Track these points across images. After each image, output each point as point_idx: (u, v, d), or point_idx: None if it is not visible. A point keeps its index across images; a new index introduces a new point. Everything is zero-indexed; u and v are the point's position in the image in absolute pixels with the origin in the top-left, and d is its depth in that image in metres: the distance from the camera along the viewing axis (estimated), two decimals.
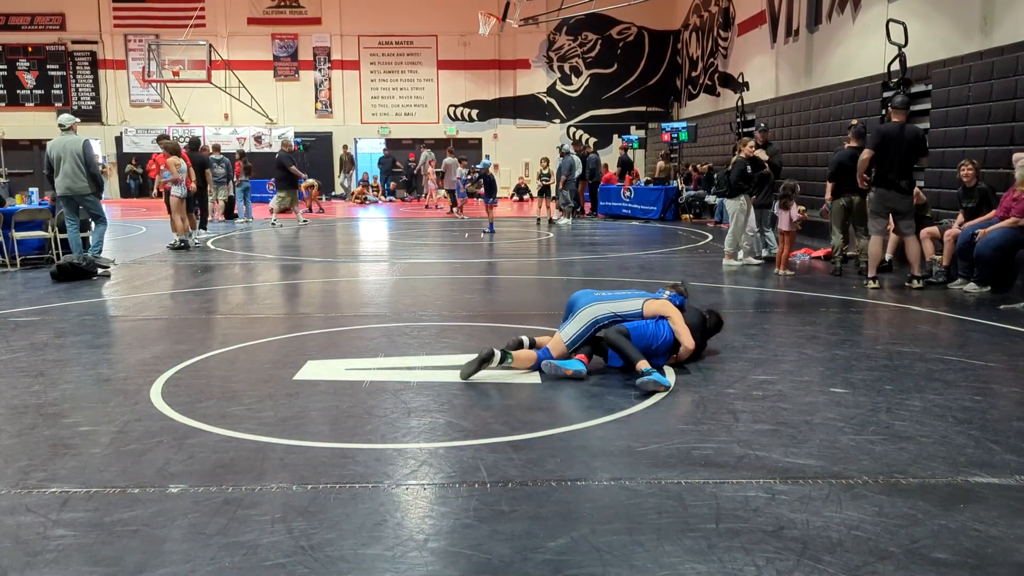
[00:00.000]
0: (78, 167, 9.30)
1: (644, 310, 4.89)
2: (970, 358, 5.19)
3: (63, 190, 9.36)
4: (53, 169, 9.37)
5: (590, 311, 4.86)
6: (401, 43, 27.45)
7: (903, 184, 7.79)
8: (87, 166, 9.37)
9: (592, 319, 4.83)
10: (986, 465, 3.31)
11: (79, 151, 9.32)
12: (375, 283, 8.94)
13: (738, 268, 9.47)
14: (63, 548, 2.64)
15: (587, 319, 4.83)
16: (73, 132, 9.54)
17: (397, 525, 2.82)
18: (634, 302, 4.94)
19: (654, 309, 4.89)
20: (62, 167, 9.28)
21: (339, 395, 4.39)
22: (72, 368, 5.03)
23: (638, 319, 4.85)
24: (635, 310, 4.88)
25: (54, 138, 9.56)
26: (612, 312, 4.86)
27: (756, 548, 2.61)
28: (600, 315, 4.84)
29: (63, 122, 9.52)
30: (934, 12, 11.10)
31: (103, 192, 9.87)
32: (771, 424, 3.85)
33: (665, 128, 19.55)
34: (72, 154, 9.28)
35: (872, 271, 8.08)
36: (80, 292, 8.03)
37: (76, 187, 9.33)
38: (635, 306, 4.90)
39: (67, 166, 9.27)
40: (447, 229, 15.90)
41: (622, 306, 4.90)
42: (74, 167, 9.28)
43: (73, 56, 26.90)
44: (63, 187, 9.35)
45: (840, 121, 12.66)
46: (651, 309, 4.90)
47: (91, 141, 9.70)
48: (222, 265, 10.36)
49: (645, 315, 4.88)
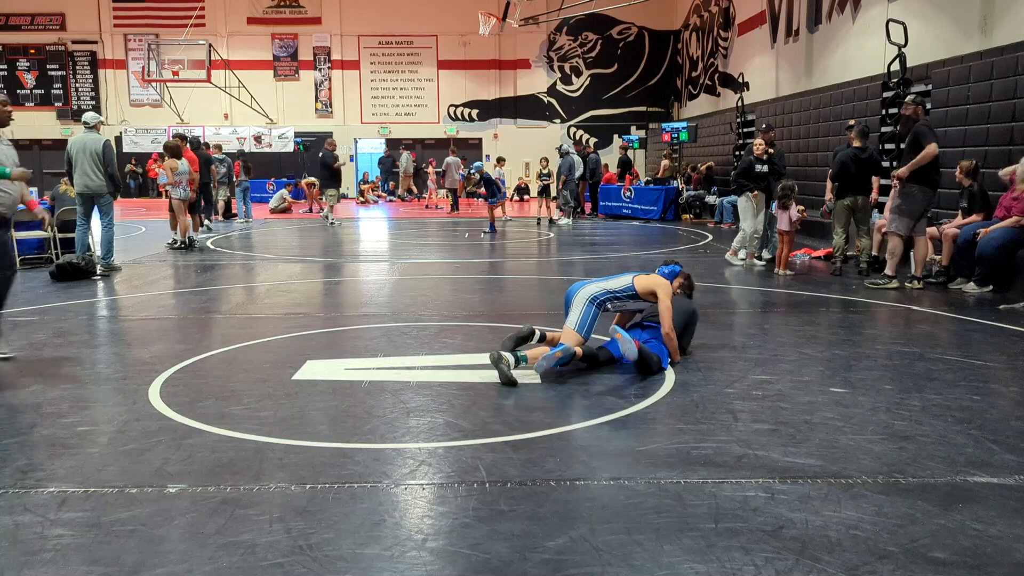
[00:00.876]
0: (96, 166, 9.30)
1: (636, 284, 4.94)
2: (969, 358, 5.19)
3: (80, 187, 9.38)
4: (72, 166, 9.37)
5: (584, 292, 4.95)
6: (401, 43, 27.45)
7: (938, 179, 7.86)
8: (105, 166, 9.36)
9: (588, 298, 4.90)
10: (985, 465, 3.31)
11: (98, 150, 9.31)
12: (375, 283, 8.93)
13: (741, 268, 9.46)
14: (61, 548, 2.64)
15: (583, 300, 4.90)
16: (96, 131, 9.54)
17: (396, 525, 2.82)
18: (625, 278, 5.02)
19: (645, 284, 4.95)
20: (79, 165, 9.29)
21: (338, 395, 4.39)
22: (71, 368, 5.03)
23: (631, 293, 4.93)
24: (626, 285, 4.95)
25: (75, 135, 9.54)
26: (605, 289, 4.94)
27: (755, 548, 2.60)
28: (594, 293, 4.92)
29: (88, 120, 9.51)
30: (934, 12, 11.10)
31: (119, 193, 9.82)
32: (770, 424, 3.85)
33: (665, 128, 19.54)
34: (91, 152, 9.28)
35: (919, 271, 8.03)
36: (79, 292, 8.03)
37: (93, 185, 9.32)
38: (626, 281, 4.97)
39: (84, 164, 9.27)
40: (447, 229, 15.90)
41: (614, 283, 4.99)
42: (91, 166, 9.27)
43: (73, 56, 26.90)
44: (80, 185, 9.36)
45: (840, 121, 12.65)
46: (642, 284, 4.95)
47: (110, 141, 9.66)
48: (222, 265, 10.35)
49: (637, 290, 4.93)
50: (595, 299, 4.90)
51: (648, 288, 4.95)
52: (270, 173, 24.68)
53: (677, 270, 5.27)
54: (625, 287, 4.95)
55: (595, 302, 4.89)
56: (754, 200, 9.56)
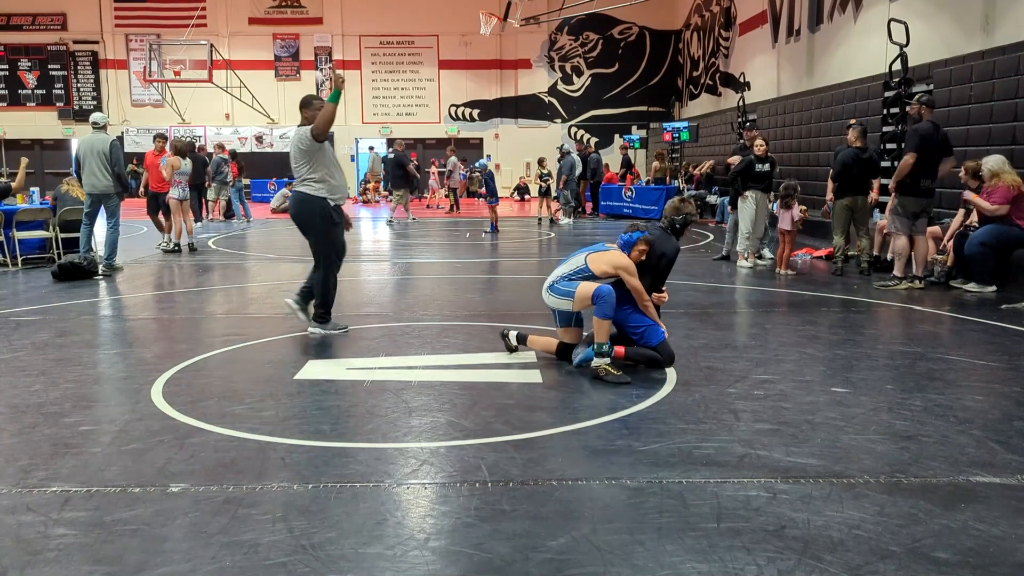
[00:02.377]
0: (103, 166, 9.31)
1: (590, 264, 4.76)
2: (971, 358, 5.19)
3: (88, 188, 9.40)
4: (80, 166, 9.38)
5: (545, 286, 4.92)
6: (402, 43, 27.45)
7: (929, 184, 7.77)
8: (112, 165, 9.37)
9: (546, 289, 4.89)
10: (987, 465, 3.31)
11: (105, 150, 9.32)
12: (376, 282, 8.94)
13: (748, 270, 9.42)
14: (64, 547, 2.64)
15: (545, 296, 4.92)
16: (104, 131, 9.56)
17: (398, 524, 2.82)
18: (578, 257, 4.87)
19: (600, 264, 4.74)
20: (87, 165, 9.30)
21: (340, 394, 4.39)
22: (73, 367, 5.03)
23: (587, 275, 4.74)
24: (580, 266, 4.78)
25: (84, 136, 9.55)
26: (559, 275, 4.83)
27: (757, 547, 2.60)
28: (550, 283, 4.87)
29: (97, 120, 9.53)
30: (936, 12, 11.09)
31: (126, 193, 9.82)
32: (772, 423, 3.85)
33: (666, 128, 19.52)
34: (98, 153, 9.29)
35: (919, 270, 7.99)
36: (81, 292, 8.03)
37: (100, 185, 9.33)
38: (579, 261, 4.82)
39: (92, 165, 9.28)
40: (448, 229, 15.90)
41: (565, 267, 4.87)
42: (99, 166, 9.28)
43: (74, 56, 26.90)
44: (88, 185, 9.37)
45: (841, 121, 12.64)
46: (597, 264, 4.75)
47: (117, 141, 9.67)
48: (223, 265, 10.36)
49: (593, 270, 4.73)
50: (551, 289, 4.84)
51: (605, 270, 4.73)
52: (271, 173, 24.68)
53: (635, 237, 4.84)
54: (579, 268, 4.78)
55: (550, 292, 4.85)
56: (753, 200, 9.56)
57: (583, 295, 4.66)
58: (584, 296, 4.66)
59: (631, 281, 4.72)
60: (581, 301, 4.69)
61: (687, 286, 8.16)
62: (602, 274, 4.75)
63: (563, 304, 4.79)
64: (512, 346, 5.16)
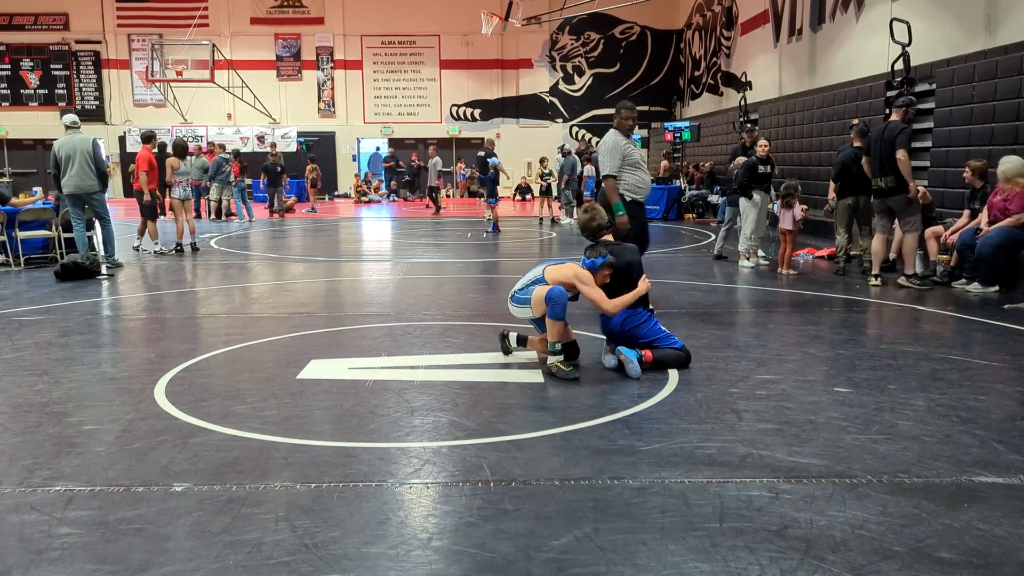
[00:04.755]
0: (89, 165, 9.36)
1: (545, 274, 4.85)
2: (974, 358, 5.18)
3: (71, 188, 9.39)
4: (60, 168, 9.39)
5: (508, 298, 5.05)
6: (404, 43, 27.45)
7: (885, 182, 7.78)
8: (96, 164, 9.44)
9: (509, 300, 5.02)
10: (990, 465, 3.31)
11: (89, 149, 9.39)
12: (378, 282, 8.94)
13: (749, 269, 9.43)
14: (67, 546, 2.65)
15: (510, 307, 5.04)
16: (79, 131, 9.59)
17: (400, 524, 2.82)
18: (536, 269, 4.96)
19: (556, 276, 4.82)
20: (72, 166, 9.31)
21: (342, 394, 4.40)
22: (76, 367, 5.04)
23: (543, 283, 4.81)
24: (537, 277, 4.88)
25: (60, 138, 9.59)
26: (519, 287, 4.95)
27: (760, 547, 2.60)
28: (511, 294, 5.00)
29: (72, 121, 9.56)
30: (938, 11, 11.08)
31: (107, 190, 9.92)
32: (775, 423, 3.85)
33: (668, 127, 19.53)
34: (83, 152, 9.34)
35: (876, 269, 8.07)
36: (84, 291, 8.05)
37: (85, 185, 9.37)
38: (536, 273, 4.92)
39: (77, 165, 9.31)
40: (448, 229, 15.90)
41: (525, 278, 4.97)
42: (85, 166, 9.33)
43: (77, 56, 26.93)
44: (71, 186, 9.37)
45: (843, 121, 12.63)
46: (553, 276, 4.83)
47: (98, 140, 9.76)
48: (225, 265, 10.37)
49: (549, 282, 4.80)
50: (512, 299, 4.99)
51: (559, 279, 4.79)
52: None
53: (598, 263, 4.83)
54: (537, 279, 4.88)
55: (514, 301, 4.98)
56: (757, 201, 9.57)
57: (538, 299, 4.79)
58: (539, 300, 4.78)
59: (587, 291, 4.80)
60: (538, 305, 4.80)
61: (688, 286, 8.16)
62: (555, 283, 4.81)
63: (524, 312, 4.95)
64: (508, 347, 5.16)
